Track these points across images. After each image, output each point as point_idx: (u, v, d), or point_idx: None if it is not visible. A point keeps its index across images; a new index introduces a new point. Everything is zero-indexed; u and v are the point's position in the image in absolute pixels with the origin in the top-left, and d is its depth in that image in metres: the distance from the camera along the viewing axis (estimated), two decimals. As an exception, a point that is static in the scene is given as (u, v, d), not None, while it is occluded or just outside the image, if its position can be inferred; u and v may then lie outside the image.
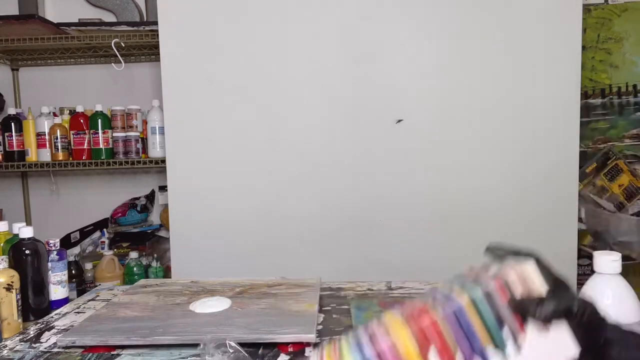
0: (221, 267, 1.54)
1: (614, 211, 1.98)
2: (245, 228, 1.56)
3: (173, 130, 1.57)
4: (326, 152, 1.54)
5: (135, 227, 2.08)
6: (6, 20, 1.80)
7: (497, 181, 1.52)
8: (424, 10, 1.51)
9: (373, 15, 1.51)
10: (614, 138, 2.06)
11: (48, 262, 1.08)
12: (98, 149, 1.90)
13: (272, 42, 1.53)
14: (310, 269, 1.34)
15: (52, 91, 2.17)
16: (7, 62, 2.15)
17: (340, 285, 1.11)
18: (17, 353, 0.79)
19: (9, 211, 2.19)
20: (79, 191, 2.23)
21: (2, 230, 1.15)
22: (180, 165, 1.57)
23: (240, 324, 0.82)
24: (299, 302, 0.92)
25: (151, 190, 2.17)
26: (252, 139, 1.55)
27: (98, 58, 2.12)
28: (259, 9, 1.53)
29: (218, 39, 1.54)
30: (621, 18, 2.02)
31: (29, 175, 2.24)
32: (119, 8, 2.12)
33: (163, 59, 1.56)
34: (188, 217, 1.58)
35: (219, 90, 1.55)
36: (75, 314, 0.97)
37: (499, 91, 1.51)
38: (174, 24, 1.55)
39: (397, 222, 1.54)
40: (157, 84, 1.95)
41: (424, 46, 1.52)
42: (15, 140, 1.95)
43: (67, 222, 2.09)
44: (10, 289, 0.95)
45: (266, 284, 1.05)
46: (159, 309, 0.91)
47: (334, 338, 0.51)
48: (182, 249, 1.59)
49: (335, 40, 1.52)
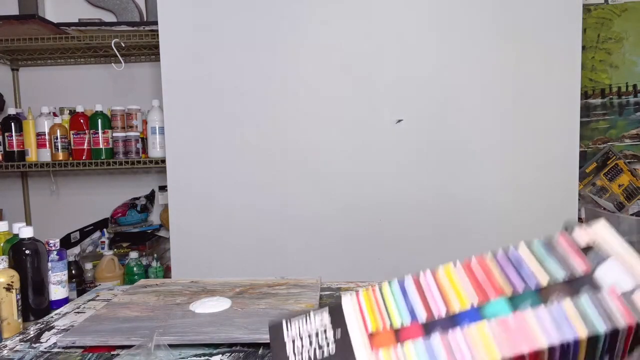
0: (221, 267, 1.54)
1: (614, 211, 1.98)
2: (245, 228, 1.56)
3: (173, 130, 1.57)
4: (326, 152, 1.54)
5: (135, 227, 2.07)
6: (6, 20, 1.80)
7: (497, 181, 1.52)
8: (424, 11, 1.51)
9: (374, 15, 1.51)
10: (614, 138, 2.06)
11: (48, 262, 1.08)
12: (98, 149, 1.90)
13: (272, 42, 1.53)
14: (310, 269, 1.35)
15: (52, 91, 2.17)
16: (7, 62, 2.15)
17: (340, 285, 1.11)
18: (17, 353, 0.79)
19: (9, 211, 2.20)
20: (79, 191, 2.23)
21: (2, 230, 1.15)
22: (180, 165, 1.57)
23: (240, 324, 0.82)
24: (299, 302, 0.92)
25: (151, 190, 2.17)
26: (252, 139, 1.55)
27: (98, 58, 2.12)
28: (259, 9, 1.53)
29: (218, 39, 1.54)
30: (621, 18, 2.02)
31: (29, 175, 2.24)
32: (119, 8, 2.12)
33: (163, 59, 1.56)
34: (188, 217, 1.58)
35: (219, 91, 1.55)
36: (75, 314, 0.97)
37: (499, 91, 1.51)
38: (174, 24, 1.55)
39: (397, 222, 1.54)
40: (157, 84, 1.95)
41: (424, 46, 1.52)
42: (15, 140, 1.95)
43: (67, 222, 2.08)
44: (10, 289, 0.95)
45: (266, 284, 1.05)
46: (159, 309, 0.91)
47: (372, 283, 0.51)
48: (182, 249, 1.59)
49: (336, 41, 1.52)
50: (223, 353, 0.76)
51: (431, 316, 0.45)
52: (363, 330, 0.47)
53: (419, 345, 0.43)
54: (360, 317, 0.48)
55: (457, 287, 0.46)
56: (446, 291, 0.47)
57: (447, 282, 0.47)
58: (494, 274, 0.46)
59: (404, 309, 0.47)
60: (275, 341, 0.49)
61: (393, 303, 0.48)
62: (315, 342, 0.48)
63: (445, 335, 0.43)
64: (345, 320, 0.48)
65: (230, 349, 0.77)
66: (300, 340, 0.49)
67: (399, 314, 0.46)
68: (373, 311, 0.48)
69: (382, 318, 0.47)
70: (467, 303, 0.45)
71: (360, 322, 0.48)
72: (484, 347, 0.41)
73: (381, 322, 0.47)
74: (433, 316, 0.45)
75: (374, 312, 0.48)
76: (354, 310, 0.49)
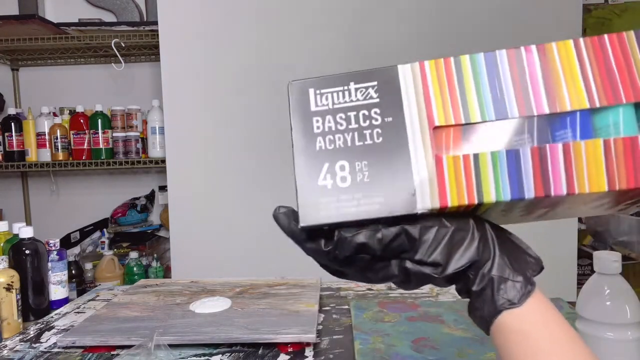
0: (221, 267, 1.54)
1: (614, 211, 1.98)
2: (245, 228, 1.56)
3: (173, 130, 1.57)
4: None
5: (135, 227, 2.07)
6: (6, 20, 1.80)
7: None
8: (424, 11, 1.51)
9: (374, 17, 1.51)
10: (614, 138, 2.06)
11: (48, 262, 1.08)
12: (98, 149, 1.90)
13: (272, 42, 1.53)
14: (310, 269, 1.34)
15: (52, 91, 2.17)
16: (7, 62, 2.15)
17: (340, 285, 1.10)
18: (17, 353, 0.79)
19: (9, 211, 2.19)
20: (79, 191, 2.23)
21: (2, 230, 1.15)
22: (180, 165, 1.57)
23: (240, 324, 0.82)
24: (299, 302, 0.92)
25: (151, 190, 2.17)
26: (252, 138, 1.55)
27: (98, 58, 2.12)
28: (259, 8, 1.53)
29: (218, 39, 1.54)
30: (621, 18, 2.02)
31: (29, 175, 2.24)
32: (119, 8, 2.12)
33: (163, 59, 1.56)
34: (188, 217, 1.58)
35: (219, 91, 1.55)
36: (75, 314, 0.97)
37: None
38: (174, 24, 1.55)
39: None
40: (157, 84, 1.95)
41: (423, 46, 1.52)
42: (15, 140, 1.95)
43: (67, 222, 2.08)
44: (10, 289, 0.95)
45: (266, 283, 1.05)
46: (159, 309, 0.91)
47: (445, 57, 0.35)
48: (182, 249, 1.59)
49: (336, 41, 1.52)
50: (223, 353, 0.76)
51: (525, 111, 0.33)
52: (425, 117, 0.34)
53: (501, 157, 0.33)
54: (423, 97, 0.34)
55: (574, 76, 0.33)
56: (558, 79, 0.33)
57: (560, 64, 0.34)
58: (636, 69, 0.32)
59: (489, 95, 0.34)
60: (298, 114, 0.37)
61: (473, 87, 0.34)
62: (356, 125, 0.35)
63: (541, 148, 0.32)
64: (402, 100, 0.34)
65: (230, 349, 0.77)
66: (333, 118, 0.35)
67: (480, 104, 0.34)
68: (443, 92, 0.34)
69: (455, 104, 0.34)
70: (583, 100, 0.33)
71: (422, 104, 0.34)
72: (589, 171, 0.31)
73: (452, 112, 0.34)
74: (530, 111, 0.33)
75: (444, 93, 0.34)
76: (414, 85, 0.35)
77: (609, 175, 0.31)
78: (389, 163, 0.34)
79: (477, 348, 0.74)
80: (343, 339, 0.81)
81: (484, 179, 0.33)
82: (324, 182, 0.34)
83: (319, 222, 0.34)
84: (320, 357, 0.74)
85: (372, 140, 0.34)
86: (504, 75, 0.35)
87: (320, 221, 0.34)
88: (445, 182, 0.33)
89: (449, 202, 0.33)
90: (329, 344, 0.79)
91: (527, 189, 0.32)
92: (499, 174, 0.33)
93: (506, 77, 0.34)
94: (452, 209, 0.34)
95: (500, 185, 0.33)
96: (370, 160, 0.34)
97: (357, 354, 0.74)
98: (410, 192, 0.33)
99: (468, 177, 0.33)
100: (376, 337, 0.79)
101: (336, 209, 0.34)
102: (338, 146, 0.35)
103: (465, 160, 0.33)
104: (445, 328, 0.82)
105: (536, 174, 0.32)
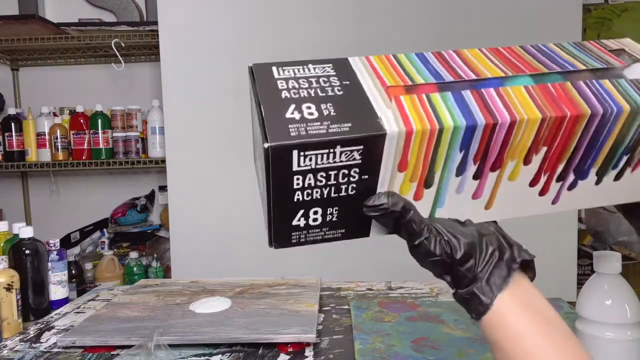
0: (221, 267, 1.54)
1: (614, 211, 1.98)
2: (245, 228, 1.55)
3: (173, 130, 1.57)
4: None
5: (135, 227, 2.07)
6: (6, 20, 1.80)
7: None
8: (423, 11, 1.51)
9: (373, 17, 1.51)
10: (614, 138, 2.06)
11: (48, 262, 1.08)
12: (98, 149, 1.90)
13: (272, 42, 1.53)
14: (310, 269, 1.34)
15: (52, 91, 2.17)
16: (7, 62, 2.15)
17: (340, 285, 1.11)
18: (17, 353, 0.79)
19: (9, 211, 2.19)
20: (79, 191, 2.23)
21: (2, 230, 1.15)
22: (180, 165, 1.57)
23: (240, 324, 0.82)
24: (299, 302, 0.92)
25: (151, 190, 2.17)
26: (252, 138, 1.55)
27: (98, 58, 2.12)
28: (259, 8, 1.53)
29: (218, 39, 1.54)
30: (621, 18, 2.02)
31: (29, 175, 2.23)
32: (119, 8, 2.12)
33: (163, 59, 1.56)
34: (188, 217, 1.58)
35: (219, 90, 1.54)
36: (75, 314, 0.97)
37: (499, 91, 1.51)
38: (174, 24, 1.55)
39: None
40: (157, 84, 1.95)
41: (423, 47, 1.52)
42: (15, 140, 1.95)
43: (67, 222, 2.08)
44: (10, 289, 0.95)
45: (266, 283, 1.05)
46: (159, 309, 0.91)
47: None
48: (182, 249, 1.59)
49: (335, 41, 1.52)
50: (223, 353, 0.76)
51: (458, 77, 0.40)
52: (378, 82, 0.40)
53: (448, 96, 0.38)
54: (373, 72, 0.41)
55: (485, 61, 0.43)
56: (473, 63, 0.43)
57: (473, 57, 0.44)
58: (526, 58, 0.43)
59: (426, 70, 0.41)
60: (262, 80, 0.40)
61: (412, 67, 0.42)
62: (317, 85, 0.39)
63: (478, 90, 0.39)
64: (355, 72, 0.41)
65: (230, 349, 0.77)
66: (296, 81, 0.40)
67: (421, 75, 0.41)
68: (388, 70, 0.41)
69: (400, 75, 0.41)
70: (497, 72, 0.41)
71: (373, 76, 0.41)
72: (522, 106, 0.38)
73: (400, 79, 0.40)
74: (460, 77, 0.40)
75: (390, 71, 0.41)
76: (364, 67, 0.42)
77: (538, 107, 0.38)
78: (353, 106, 0.38)
79: (477, 348, 0.74)
80: (343, 339, 0.81)
81: (439, 110, 0.38)
82: (291, 115, 0.37)
83: (288, 142, 0.35)
84: (320, 357, 0.74)
85: (334, 93, 0.39)
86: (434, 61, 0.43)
87: (290, 141, 0.35)
88: (406, 111, 0.37)
89: (413, 125, 0.37)
90: (329, 344, 0.79)
91: (477, 117, 0.37)
92: (450, 106, 0.38)
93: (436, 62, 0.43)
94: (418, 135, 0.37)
95: (454, 114, 0.37)
96: (335, 103, 0.38)
97: (357, 354, 0.74)
98: (377, 119, 0.37)
99: (425, 109, 0.38)
100: (376, 337, 0.79)
101: (306, 131, 0.36)
102: (303, 96, 0.39)
103: (419, 98, 0.38)
104: (445, 328, 0.82)
105: (481, 107, 0.38)
